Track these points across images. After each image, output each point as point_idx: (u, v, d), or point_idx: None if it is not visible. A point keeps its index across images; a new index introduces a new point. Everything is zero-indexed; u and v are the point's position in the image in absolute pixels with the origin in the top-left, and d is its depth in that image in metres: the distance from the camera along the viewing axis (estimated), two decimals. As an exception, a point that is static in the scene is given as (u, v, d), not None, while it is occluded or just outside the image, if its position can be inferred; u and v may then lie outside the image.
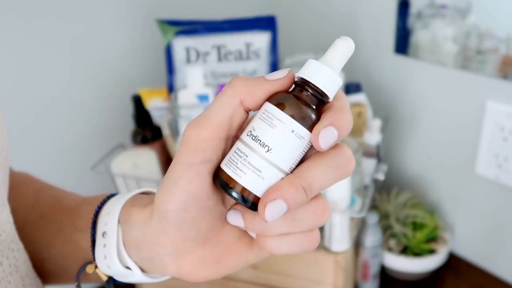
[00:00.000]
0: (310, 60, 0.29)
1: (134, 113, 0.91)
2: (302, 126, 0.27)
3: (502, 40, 0.78)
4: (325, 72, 0.28)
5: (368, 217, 0.85)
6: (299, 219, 0.29)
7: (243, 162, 0.28)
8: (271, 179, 0.28)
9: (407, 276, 0.92)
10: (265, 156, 0.27)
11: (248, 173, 0.27)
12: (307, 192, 0.27)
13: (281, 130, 0.27)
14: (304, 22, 1.15)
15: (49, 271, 0.41)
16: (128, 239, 0.33)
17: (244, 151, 0.28)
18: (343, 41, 0.29)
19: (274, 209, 0.27)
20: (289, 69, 0.29)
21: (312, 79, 0.28)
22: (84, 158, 0.96)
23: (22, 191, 0.44)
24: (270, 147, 0.27)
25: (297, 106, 0.28)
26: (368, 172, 0.85)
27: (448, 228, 0.97)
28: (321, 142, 0.27)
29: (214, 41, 0.92)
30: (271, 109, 0.28)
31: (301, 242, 0.29)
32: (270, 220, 0.27)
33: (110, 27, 0.97)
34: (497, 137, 0.82)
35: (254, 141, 0.28)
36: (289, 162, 0.28)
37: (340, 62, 0.29)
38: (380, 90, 1.02)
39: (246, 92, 0.28)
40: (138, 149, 0.90)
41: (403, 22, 0.91)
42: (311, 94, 0.28)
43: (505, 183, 0.84)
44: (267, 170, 0.27)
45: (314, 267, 0.79)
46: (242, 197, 0.28)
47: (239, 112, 0.28)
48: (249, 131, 0.28)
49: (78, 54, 0.93)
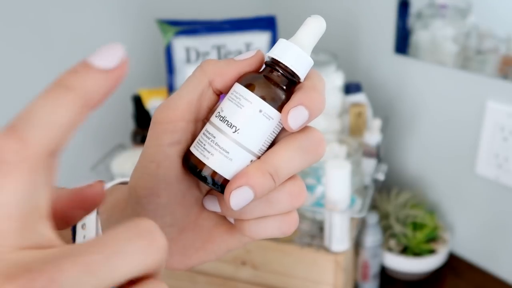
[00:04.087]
0: (281, 39, 0.28)
1: (134, 113, 0.91)
2: (270, 106, 0.27)
3: (502, 40, 0.78)
4: (295, 52, 0.27)
5: (368, 217, 0.85)
6: (274, 201, 0.28)
7: (210, 144, 0.27)
8: (239, 160, 0.27)
9: (407, 276, 0.92)
10: (232, 136, 0.27)
11: (216, 154, 0.27)
12: (274, 178, 0.26)
13: (248, 110, 0.27)
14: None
15: None
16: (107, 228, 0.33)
17: (212, 132, 0.27)
18: (314, 20, 0.28)
19: (239, 196, 0.26)
20: (258, 49, 0.29)
21: (282, 59, 0.27)
22: (84, 158, 0.96)
23: None
24: (238, 128, 0.27)
25: (267, 86, 0.27)
26: (368, 172, 0.85)
27: (448, 228, 0.97)
28: (290, 122, 0.26)
29: (214, 41, 0.92)
30: (240, 90, 0.27)
31: (279, 224, 0.29)
32: (236, 208, 0.26)
33: (110, 27, 0.97)
34: (497, 137, 0.82)
35: (222, 122, 0.27)
36: (258, 143, 0.27)
37: (311, 41, 0.28)
38: (380, 90, 1.02)
39: (215, 73, 0.28)
40: (138, 149, 0.90)
41: (403, 22, 0.91)
42: (281, 74, 0.28)
43: (505, 183, 0.84)
44: (235, 151, 0.27)
45: (314, 267, 0.79)
46: (212, 180, 0.27)
47: (208, 94, 0.28)
48: (217, 112, 0.28)
49: (78, 54, 0.93)
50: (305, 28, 0.28)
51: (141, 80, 1.02)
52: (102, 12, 0.95)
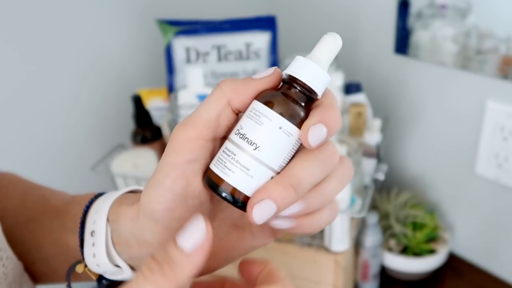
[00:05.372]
0: (298, 56, 0.28)
1: (134, 113, 0.91)
2: (289, 123, 0.27)
3: (502, 40, 0.78)
4: (313, 68, 0.27)
5: (368, 217, 0.85)
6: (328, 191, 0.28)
7: (231, 161, 0.27)
8: (260, 177, 0.27)
9: (407, 276, 0.92)
10: (253, 154, 0.27)
11: (236, 171, 0.27)
12: (296, 190, 0.27)
13: (268, 127, 0.27)
14: (304, 22, 1.15)
15: (40, 272, 0.41)
16: (117, 237, 0.33)
17: (232, 149, 0.27)
18: (330, 37, 0.28)
19: (262, 210, 0.26)
20: (275, 67, 0.29)
21: (299, 76, 0.27)
22: (84, 158, 0.96)
23: (9, 192, 0.43)
24: (258, 145, 0.27)
25: (285, 103, 0.27)
26: (368, 172, 0.85)
27: (448, 228, 0.97)
28: (310, 139, 0.26)
29: (214, 41, 0.92)
30: (258, 107, 0.27)
31: (329, 212, 0.29)
32: (259, 221, 0.27)
33: (110, 27, 0.97)
34: (497, 137, 0.82)
35: (242, 139, 0.27)
36: (278, 160, 0.27)
37: (328, 59, 0.28)
38: (380, 90, 1.02)
39: (233, 92, 0.28)
40: (138, 149, 0.90)
41: (403, 22, 0.91)
42: (299, 91, 0.28)
43: (505, 183, 0.84)
44: (255, 168, 0.27)
45: (314, 267, 0.79)
46: (232, 197, 0.27)
47: (227, 113, 0.28)
48: (237, 130, 0.28)
49: (78, 54, 0.93)
50: (321, 45, 0.28)
51: (141, 80, 1.02)
52: (102, 12, 0.95)
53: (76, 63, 0.93)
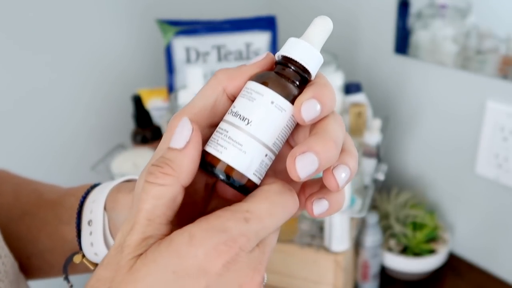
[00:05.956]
0: (290, 38, 0.28)
1: (134, 113, 0.91)
2: (281, 97, 0.27)
3: (502, 40, 0.78)
4: (305, 47, 0.28)
5: (368, 217, 0.85)
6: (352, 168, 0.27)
7: (223, 138, 0.27)
8: (253, 153, 0.26)
9: (407, 276, 0.92)
10: (245, 128, 0.26)
11: (229, 147, 0.26)
12: (337, 146, 0.26)
13: (260, 102, 0.27)
14: (304, 22, 1.15)
15: (36, 267, 0.41)
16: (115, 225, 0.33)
17: (225, 127, 0.27)
18: (321, 20, 0.28)
19: (304, 162, 0.25)
20: (268, 51, 0.29)
21: (292, 54, 0.27)
22: (84, 158, 0.96)
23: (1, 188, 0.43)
24: (250, 120, 0.27)
25: (277, 79, 0.27)
26: (368, 172, 0.85)
27: (448, 228, 0.97)
28: (303, 114, 0.26)
29: (214, 41, 0.92)
30: (251, 85, 0.27)
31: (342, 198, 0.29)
32: (303, 175, 0.25)
33: (110, 27, 0.97)
34: (497, 137, 0.82)
35: (234, 117, 0.27)
36: (271, 136, 0.27)
37: (319, 40, 0.28)
38: (380, 90, 1.02)
39: (228, 79, 0.28)
40: (138, 149, 0.90)
41: (403, 22, 0.91)
42: (293, 70, 0.28)
43: (505, 183, 0.84)
44: (248, 143, 0.26)
45: (314, 267, 0.79)
46: (226, 175, 0.27)
47: (223, 100, 0.29)
48: (230, 110, 0.28)
49: (78, 54, 0.93)
50: (313, 27, 0.28)
51: (141, 80, 1.02)
52: (103, 13, 0.95)
53: (76, 63, 0.93)
